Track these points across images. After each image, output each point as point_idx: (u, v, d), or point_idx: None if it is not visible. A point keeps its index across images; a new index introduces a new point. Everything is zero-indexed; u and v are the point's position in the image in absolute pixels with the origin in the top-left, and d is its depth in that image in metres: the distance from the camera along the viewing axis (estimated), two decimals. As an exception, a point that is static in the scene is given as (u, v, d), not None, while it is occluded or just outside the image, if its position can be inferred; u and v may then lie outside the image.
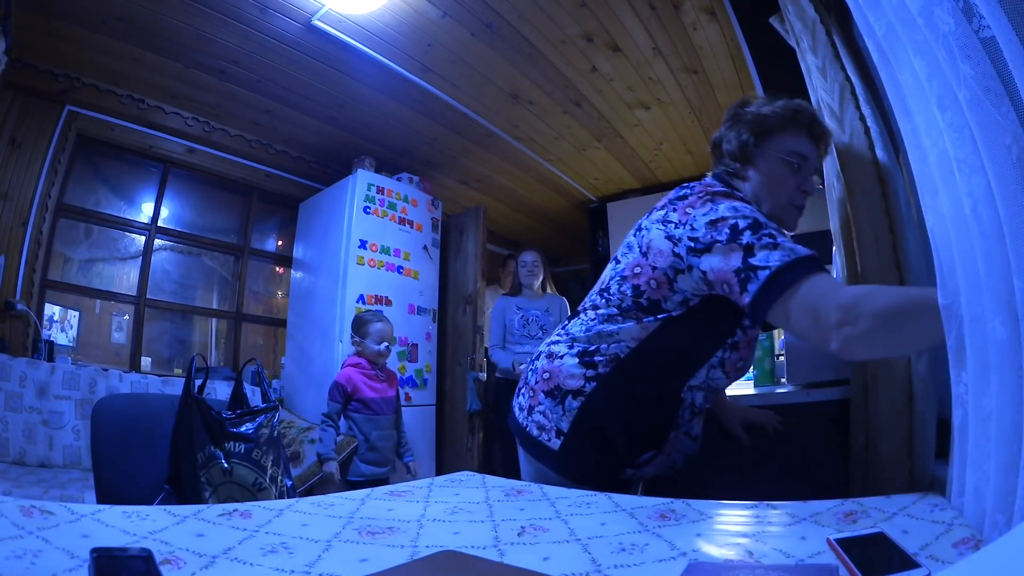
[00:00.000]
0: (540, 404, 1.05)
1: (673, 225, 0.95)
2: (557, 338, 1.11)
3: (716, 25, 2.53)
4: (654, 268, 0.96)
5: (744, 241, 0.85)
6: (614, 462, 1.04)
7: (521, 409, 1.10)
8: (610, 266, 1.09)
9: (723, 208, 0.90)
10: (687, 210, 0.94)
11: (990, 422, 0.52)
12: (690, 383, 1.02)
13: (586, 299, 1.12)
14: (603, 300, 1.05)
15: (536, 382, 1.08)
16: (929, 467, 1.00)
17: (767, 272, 0.81)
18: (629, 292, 1.00)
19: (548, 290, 3.20)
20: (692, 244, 0.91)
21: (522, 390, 1.13)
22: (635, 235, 1.04)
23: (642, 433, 1.04)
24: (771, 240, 0.84)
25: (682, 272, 0.94)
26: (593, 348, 1.03)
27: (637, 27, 2.55)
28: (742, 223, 0.87)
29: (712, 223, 0.89)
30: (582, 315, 1.09)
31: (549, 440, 1.02)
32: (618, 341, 1.01)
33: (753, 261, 0.83)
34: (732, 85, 3.01)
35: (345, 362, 2.55)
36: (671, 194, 1.04)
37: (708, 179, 1.08)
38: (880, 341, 0.74)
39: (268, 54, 2.78)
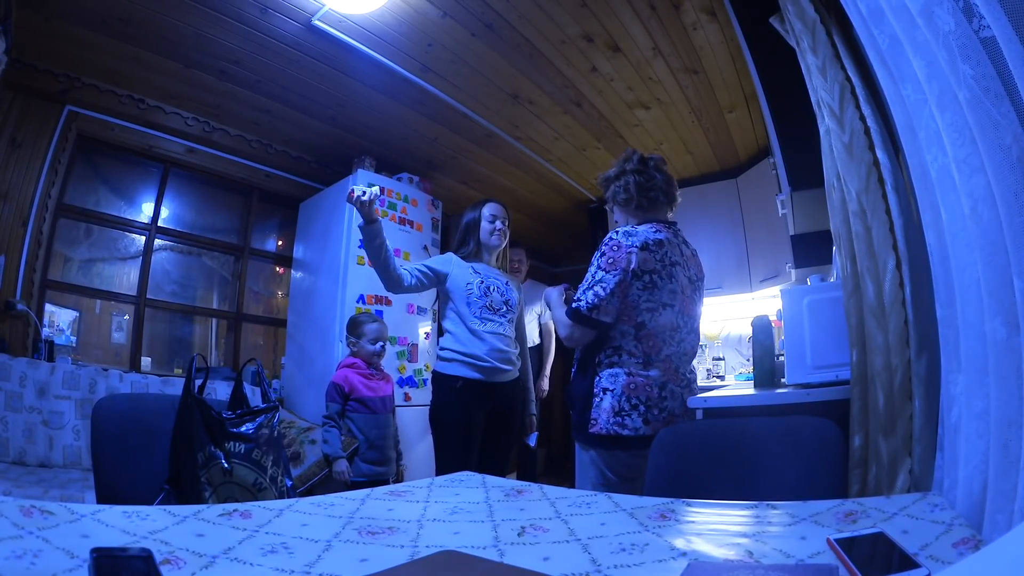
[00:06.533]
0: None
1: None
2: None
3: (716, 25, 2.53)
4: None
5: None
6: None
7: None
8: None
9: None
10: None
11: (982, 420, 0.52)
12: None
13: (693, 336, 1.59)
14: None
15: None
16: (929, 467, 1.00)
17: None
18: None
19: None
20: None
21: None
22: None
23: None
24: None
25: None
26: None
27: (637, 27, 2.55)
28: None
29: None
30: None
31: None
32: None
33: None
34: (732, 85, 3.01)
35: (340, 363, 2.55)
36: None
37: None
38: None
39: (268, 54, 2.78)
